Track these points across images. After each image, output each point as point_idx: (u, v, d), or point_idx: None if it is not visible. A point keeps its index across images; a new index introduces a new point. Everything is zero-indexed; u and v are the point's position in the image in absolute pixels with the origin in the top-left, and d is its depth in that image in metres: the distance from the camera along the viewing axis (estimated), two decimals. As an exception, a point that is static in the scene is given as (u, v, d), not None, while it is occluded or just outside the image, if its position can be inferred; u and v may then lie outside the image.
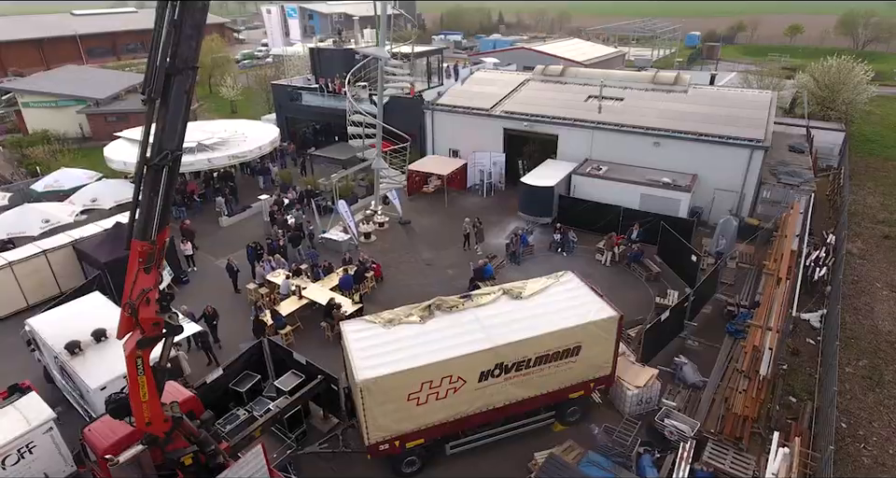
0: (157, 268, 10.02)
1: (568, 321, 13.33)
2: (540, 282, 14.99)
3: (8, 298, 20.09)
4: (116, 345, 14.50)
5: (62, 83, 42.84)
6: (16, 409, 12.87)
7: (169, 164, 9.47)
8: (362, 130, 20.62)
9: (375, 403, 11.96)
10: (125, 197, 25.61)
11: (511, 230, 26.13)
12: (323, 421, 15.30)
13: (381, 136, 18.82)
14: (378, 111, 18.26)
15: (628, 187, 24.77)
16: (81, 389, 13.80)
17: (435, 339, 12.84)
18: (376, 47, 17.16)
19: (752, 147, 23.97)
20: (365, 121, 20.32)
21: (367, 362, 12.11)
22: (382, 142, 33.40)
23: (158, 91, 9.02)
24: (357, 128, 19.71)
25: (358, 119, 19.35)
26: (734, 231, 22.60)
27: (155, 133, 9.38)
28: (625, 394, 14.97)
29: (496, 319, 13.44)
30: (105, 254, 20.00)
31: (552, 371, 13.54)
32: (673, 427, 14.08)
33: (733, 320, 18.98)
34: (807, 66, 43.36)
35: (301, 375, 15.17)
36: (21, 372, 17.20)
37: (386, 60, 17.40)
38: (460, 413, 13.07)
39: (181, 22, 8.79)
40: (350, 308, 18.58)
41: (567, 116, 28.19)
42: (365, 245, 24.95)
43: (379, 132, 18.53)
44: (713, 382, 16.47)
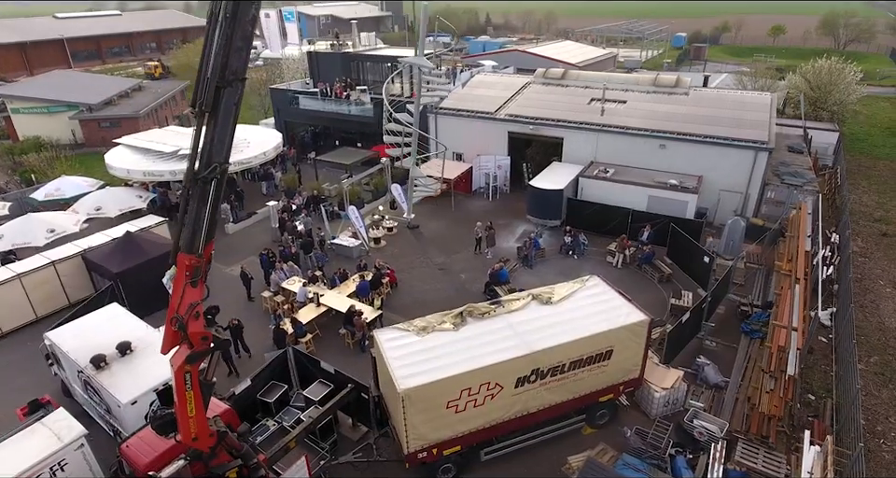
0: (203, 281, 9.93)
1: (600, 326, 13.45)
2: (567, 287, 15.11)
3: (17, 310, 19.70)
4: (141, 358, 14.42)
5: (52, 88, 42.04)
6: (45, 426, 12.60)
7: (217, 177, 9.39)
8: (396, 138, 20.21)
9: (416, 412, 11.94)
10: (129, 205, 25.30)
11: (519, 233, 26.27)
12: (352, 430, 15.24)
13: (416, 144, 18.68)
14: (415, 119, 18.20)
15: (636, 189, 25.03)
16: (109, 404, 13.57)
17: (470, 346, 12.86)
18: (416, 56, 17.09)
19: (757, 148, 24.39)
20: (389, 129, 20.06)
21: (406, 371, 12.09)
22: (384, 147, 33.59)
23: (209, 103, 8.94)
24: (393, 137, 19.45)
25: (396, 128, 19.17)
26: (741, 231, 22.96)
27: (203, 146, 9.29)
28: (652, 396, 15.13)
29: (529, 325, 13.51)
30: (117, 264, 19.71)
31: (584, 375, 13.65)
32: (702, 427, 14.27)
33: (747, 320, 19.27)
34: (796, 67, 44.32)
35: (329, 384, 15.12)
36: (36, 387, 16.91)
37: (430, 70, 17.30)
38: (496, 419, 13.11)
39: (231, 35, 8.72)
40: (371, 315, 18.51)
41: (571, 119, 28.42)
42: (375, 250, 24.90)
43: (415, 139, 18.48)
44: (734, 382, 16.72)
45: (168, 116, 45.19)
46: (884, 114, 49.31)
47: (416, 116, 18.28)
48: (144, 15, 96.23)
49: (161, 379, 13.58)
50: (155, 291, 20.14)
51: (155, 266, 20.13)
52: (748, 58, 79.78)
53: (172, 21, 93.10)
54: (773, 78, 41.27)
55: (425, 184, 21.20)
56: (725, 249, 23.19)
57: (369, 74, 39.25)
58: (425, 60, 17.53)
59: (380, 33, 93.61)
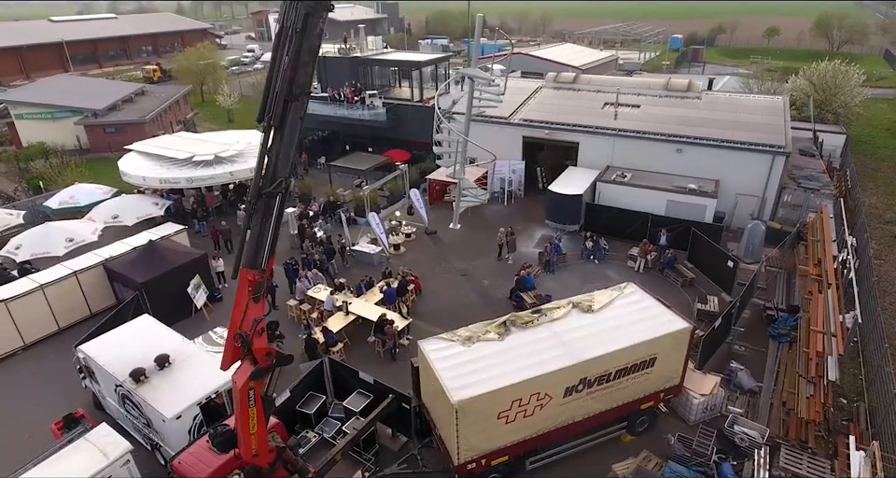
0: (265, 297, 9.84)
1: (645, 334, 13.48)
2: (606, 294, 15.13)
3: (40, 322, 19.46)
4: (180, 371, 14.29)
5: (56, 94, 41.56)
6: (89, 442, 12.44)
7: (282, 191, 9.32)
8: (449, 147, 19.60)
9: (468, 423, 11.90)
10: (147, 213, 25.05)
11: (538, 238, 26.30)
12: (391, 440, 15.16)
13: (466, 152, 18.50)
14: (465, 128, 18.12)
15: (654, 193, 25.13)
16: (151, 418, 13.40)
17: (518, 356, 12.85)
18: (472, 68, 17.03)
19: (774, 152, 24.58)
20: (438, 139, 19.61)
21: (457, 382, 12.05)
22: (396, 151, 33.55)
23: (277, 117, 8.88)
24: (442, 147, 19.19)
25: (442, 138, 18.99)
26: (762, 235, 23.12)
27: (269, 161, 9.22)
28: (691, 402, 15.20)
29: (573, 334, 13.51)
30: (142, 274, 19.50)
31: (628, 383, 13.68)
32: (743, 433, 14.34)
33: (774, 324, 19.39)
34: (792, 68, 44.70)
35: (369, 395, 15.05)
36: (64, 400, 16.73)
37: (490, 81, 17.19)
38: (543, 428, 13.10)
39: (300, 49, 8.67)
40: (401, 323, 18.45)
41: (585, 123, 28.51)
42: (395, 256, 24.83)
43: (464, 148, 18.38)
44: (767, 387, 16.82)
45: (172, 121, 44.83)
46: (883, 115, 49.94)
47: (467, 126, 18.13)
48: (139, 18, 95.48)
49: (203, 392, 13.52)
50: (178, 301, 20.20)
51: (178, 275, 20.08)
52: (744, 59, 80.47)
53: (167, 24, 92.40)
54: (778, 81, 41.56)
55: (474, 194, 20.89)
56: (745, 253, 23.34)
57: (377, 78, 39.23)
58: (480, 71, 17.46)
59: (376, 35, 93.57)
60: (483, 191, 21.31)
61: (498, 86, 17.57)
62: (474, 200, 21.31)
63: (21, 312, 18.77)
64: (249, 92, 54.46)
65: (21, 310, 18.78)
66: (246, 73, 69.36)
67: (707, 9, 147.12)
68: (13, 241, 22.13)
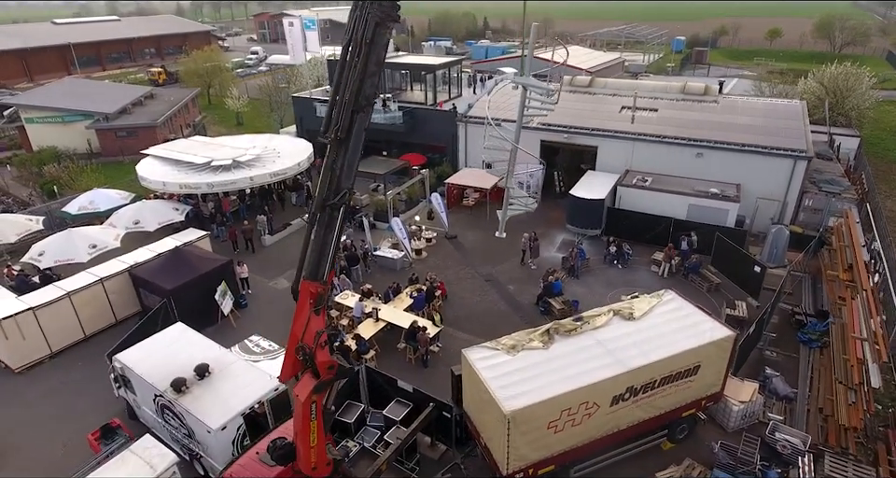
0: (325, 309, 9.77)
1: (689, 342, 13.46)
2: (645, 301, 15.11)
3: (67, 329, 19.32)
4: (220, 381, 14.20)
5: (65, 97, 41.36)
6: (134, 454, 12.33)
7: (346, 203, 9.26)
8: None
9: (519, 433, 11.85)
10: (168, 218, 24.90)
11: (559, 242, 26.28)
12: (430, 448, 15.09)
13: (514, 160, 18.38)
14: (516, 136, 18.08)
15: (676, 198, 25.12)
16: (195, 429, 13.30)
17: (565, 365, 12.80)
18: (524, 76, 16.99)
19: (796, 157, 24.61)
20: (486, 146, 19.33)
21: (507, 392, 11.99)
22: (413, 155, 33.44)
23: (345, 129, 8.82)
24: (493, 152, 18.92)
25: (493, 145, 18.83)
26: (786, 240, 23.13)
27: (333, 172, 9.15)
28: (731, 409, 15.18)
29: (618, 342, 13.48)
30: (169, 281, 19.38)
31: (672, 391, 13.65)
32: (785, 440, 14.32)
33: (803, 329, 19.39)
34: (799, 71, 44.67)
35: (408, 403, 14.97)
36: (96, 409, 16.64)
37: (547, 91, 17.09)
38: (590, 437, 13.06)
39: (367, 60, 8.62)
40: (433, 330, 18.39)
41: (604, 127, 28.50)
42: (417, 261, 24.75)
43: (513, 156, 18.34)
44: (803, 393, 16.81)
45: (182, 124, 44.66)
46: (891, 117, 50.06)
47: (517, 133, 18.03)
48: (141, 20, 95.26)
49: (247, 403, 13.43)
50: (204, 308, 20.07)
51: (205, 282, 19.97)
52: (748, 61, 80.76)
53: (170, 26, 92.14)
54: (790, 83, 41.67)
55: (524, 203, 20.66)
56: (768, 258, 23.34)
57: (388, 81, 39.09)
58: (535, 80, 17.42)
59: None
60: (532, 200, 20.94)
61: (554, 95, 17.52)
62: (521, 207, 20.96)
63: (48, 320, 18.64)
64: (256, 95, 54.26)
65: (49, 318, 18.65)
66: (251, 75, 69.18)
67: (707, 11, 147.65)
68: (35, 247, 21.96)
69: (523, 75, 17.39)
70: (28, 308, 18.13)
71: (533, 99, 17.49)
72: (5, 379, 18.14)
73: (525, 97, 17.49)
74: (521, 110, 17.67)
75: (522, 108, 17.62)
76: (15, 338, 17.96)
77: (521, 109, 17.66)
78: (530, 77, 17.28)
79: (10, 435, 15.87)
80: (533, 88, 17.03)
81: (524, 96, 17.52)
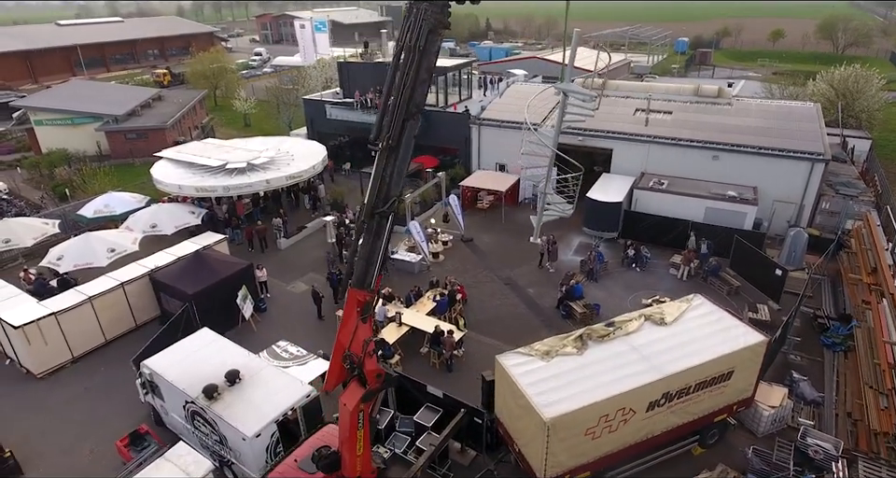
0: (372, 317, 9.72)
1: (723, 347, 13.44)
2: (675, 306, 15.09)
3: (88, 334, 19.24)
4: (251, 387, 14.13)
5: (74, 99, 41.24)
6: (169, 461, 12.25)
7: (394, 211, 9.21)
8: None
9: (558, 440, 11.80)
10: (185, 222, 24.82)
11: (575, 245, 26.23)
12: (460, 454, 15.02)
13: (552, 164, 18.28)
14: (553, 141, 18.04)
15: (693, 200, 25.09)
16: (227, 436, 13.22)
17: (600, 371, 12.77)
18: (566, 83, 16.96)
19: (814, 159, 24.60)
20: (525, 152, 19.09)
21: (545, 399, 11.95)
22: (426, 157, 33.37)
23: (396, 137, 8.77)
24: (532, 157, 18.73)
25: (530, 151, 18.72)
26: (804, 243, 23.12)
27: (382, 180, 9.10)
28: (761, 414, 15.14)
29: (652, 348, 13.44)
30: (191, 285, 19.30)
31: (706, 396, 13.62)
32: (816, 445, 14.27)
33: (826, 333, 19.37)
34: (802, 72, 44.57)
35: (438, 409, 14.90)
36: (120, 415, 16.59)
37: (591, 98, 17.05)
38: (625, 443, 13.03)
39: (419, 67, 8.58)
40: (458, 334, 18.33)
41: (618, 129, 28.47)
42: (435, 264, 24.69)
43: (552, 160, 18.31)
44: (830, 397, 16.78)
45: (190, 126, 44.57)
46: (897, 119, 50.07)
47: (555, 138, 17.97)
48: (145, 21, 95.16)
49: (280, 409, 13.35)
50: (225, 312, 20.00)
51: (225, 286, 19.90)
52: (752, 62, 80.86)
53: (173, 27, 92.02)
54: (799, 85, 41.70)
55: (561, 209, 20.50)
56: (787, 261, 23.31)
57: (398, 83, 38.99)
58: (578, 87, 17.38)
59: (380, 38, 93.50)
60: (569, 206, 20.65)
61: (594, 101, 17.49)
62: (557, 212, 20.74)
63: (70, 325, 18.56)
64: (262, 96, 54.18)
65: (71, 323, 18.57)
66: (256, 76, 69.10)
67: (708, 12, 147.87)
68: (53, 251, 21.87)
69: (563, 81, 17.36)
70: (51, 313, 18.04)
71: (573, 104, 17.44)
72: (27, 385, 18.06)
73: (564, 103, 17.45)
74: (560, 116, 17.66)
75: (561, 114, 17.60)
76: (38, 343, 17.87)
77: (560, 115, 17.65)
78: (571, 82, 17.26)
79: (35, 441, 15.79)
80: (575, 94, 16.97)
81: (563, 102, 17.49)
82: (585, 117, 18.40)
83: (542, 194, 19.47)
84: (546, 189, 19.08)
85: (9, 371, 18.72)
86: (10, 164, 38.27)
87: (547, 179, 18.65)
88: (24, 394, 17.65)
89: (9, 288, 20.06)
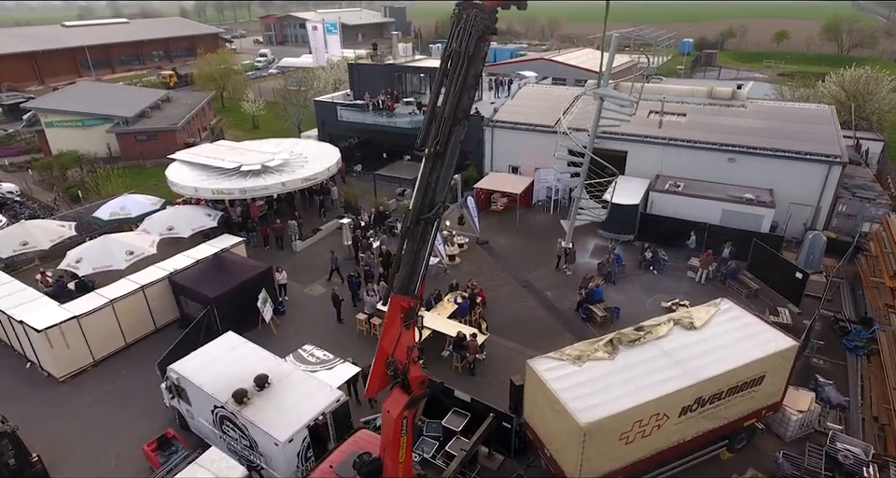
0: (415, 324, 9.69)
1: (755, 352, 13.41)
2: (703, 311, 15.06)
3: (109, 338, 19.21)
4: (280, 392, 14.11)
5: (84, 101, 41.21)
6: (202, 467, 12.22)
7: (440, 216, 9.19)
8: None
9: (593, 445, 11.77)
10: (201, 224, 24.80)
11: (591, 248, 26.19)
12: (488, 459, 14.98)
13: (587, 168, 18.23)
14: (589, 145, 18.02)
15: (709, 203, 25.06)
16: (259, 442, 13.18)
17: (634, 376, 12.74)
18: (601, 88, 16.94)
19: (830, 162, 24.58)
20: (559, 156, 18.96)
21: (580, 404, 11.92)
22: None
23: (444, 143, 8.75)
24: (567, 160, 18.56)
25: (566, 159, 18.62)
26: (823, 246, 23.07)
27: (427, 186, 9.07)
28: (789, 419, 15.11)
29: (684, 353, 13.42)
30: (213, 289, 19.29)
31: (737, 401, 13.60)
32: (846, 450, 14.23)
33: (848, 336, 19.34)
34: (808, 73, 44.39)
35: (465, 413, 14.88)
36: (144, 419, 16.57)
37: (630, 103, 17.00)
38: (657, 448, 12.99)
39: (466, 73, 8.55)
40: (480, 337, 18.29)
41: (632, 131, 28.40)
42: (452, 267, 24.65)
43: (586, 164, 18.27)
44: (855, 401, 16.75)
45: (199, 128, 44.56)
46: (905, 120, 50.01)
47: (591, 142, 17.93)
48: (149, 22, 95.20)
49: (311, 414, 13.32)
50: (245, 315, 19.99)
51: (246, 289, 19.88)
52: (757, 63, 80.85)
53: (179, 28, 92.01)
54: (810, 87, 41.68)
55: (596, 214, 20.39)
56: (804, 264, 23.26)
57: (407, 85, 39.04)
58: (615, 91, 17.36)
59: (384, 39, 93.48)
60: (603, 210, 20.44)
61: (631, 106, 17.47)
62: (590, 216, 20.56)
63: (91, 328, 18.54)
64: (270, 97, 54.14)
65: (92, 326, 18.54)
66: (262, 78, 69.07)
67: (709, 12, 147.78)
68: (71, 254, 21.85)
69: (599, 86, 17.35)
70: (73, 316, 18.02)
71: (608, 109, 17.42)
72: (50, 388, 18.02)
73: (600, 108, 17.45)
74: (596, 120, 17.64)
75: (597, 119, 17.58)
76: (60, 347, 17.85)
77: (596, 119, 17.63)
78: (608, 87, 17.24)
79: (61, 446, 15.75)
80: (612, 99, 16.95)
81: (599, 107, 17.49)
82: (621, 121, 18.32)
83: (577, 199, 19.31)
84: (580, 193, 19.01)
85: (31, 374, 18.69)
86: (21, 166, 38.27)
87: (581, 184, 18.59)
88: (47, 398, 17.61)
89: (29, 291, 20.07)
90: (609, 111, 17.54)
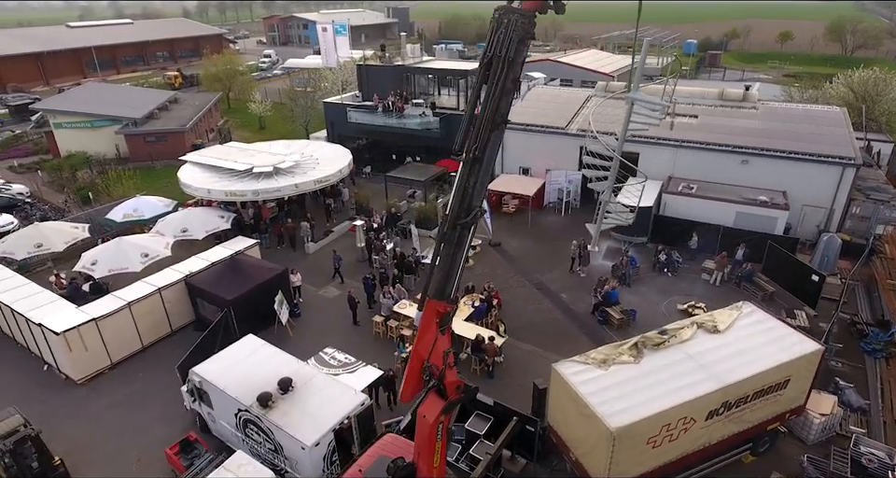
0: (450, 328, 9.67)
1: (780, 356, 13.40)
2: (725, 314, 15.04)
3: (126, 340, 19.19)
4: (304, 395, 14.11)
5: (92, 102, 41.18)
6: (228, 471, 12.20)
7: (476, 221, 9.17)
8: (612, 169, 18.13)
9: (622, 449, 11.76)
10: (215, 226, 24.78)
11: (604, 250, 26.15)
12: (510, 462, 14.97)
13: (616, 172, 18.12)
14: (618, 147, 18.00)
15: (722, 205, 25.04)
16: (285, 445, 13.15)
17: (661, 380, 12.72)
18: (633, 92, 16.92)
19: (844, 164, 24.56)
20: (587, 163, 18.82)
21: (608, 408, 11.90)
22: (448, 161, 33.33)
23: (483, 148, 8.72)
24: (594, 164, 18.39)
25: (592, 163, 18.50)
26: (838, 248, 23.05)
27: (465, 191, 9.04)
28: (812, 422, 15.09)
29: (709, 356, 13.41)
30: (231, 291, 19.27)
31: (762, 405, 13.59)
32: (870, 454, 14.22)
33: (866, 339, 19.31)
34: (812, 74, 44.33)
35: (488, 417, 14.86)
36: (163, 422, 16.57)
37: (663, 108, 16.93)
38: (683, 452, 12.99)
39: (505, 77, 8.53)
40: (499, 340, 18.28)
41: (647, 134, 28.33)
42: (465, 269, 24.58)
43: (615, 167, 18.24)
44: (876, 404, 16.73)
45: (206, 129, 44.54)
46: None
47: (620, 145, 17.88)
48: (154, 23, 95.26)
49: (337, 418, 13.31)
50: (261, 317, 19.97)
51: (262, 291, 19.86)
52: (761, 64, 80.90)
53: (183, 29, 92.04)
54: (819, 88, 41.68)
55: (624, 218, 20.27)
56: (819, 266, 23.23)
57: (415, 86, 39.00)
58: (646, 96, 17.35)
59: (388, 39, 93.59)
60: (631, 214, 20.16)
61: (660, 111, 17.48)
62: (618, 219, 20.34)
63: (109, 330, 18.52)
64: (276, 98, 54.15)
65: (110, 328, 18.53)
66: (267, 78, 69.07)
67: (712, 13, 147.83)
68: (86, 256, 21.82)
69: (630, 89, 17.32)
70: (91, 319, 18.00)
71: (638, 113, 17.40)
72: (68, 391, 18.00)
73: (629, 112, 17.44)
74: (625, 124, 17.64)
75: (627, 122, 17.58)
76: (78, 349, 17.83)
77: (626, 123, 17.63)
78: (639, 91, 17.22)
79: (81, 449, 15.73)
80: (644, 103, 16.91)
81: (629, 110, 17.48)
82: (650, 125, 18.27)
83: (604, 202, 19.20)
84: (608, 197, 18.99)
85: (48, 377, 18.68)
86: (30, 167, 38.26)
87: (609, 187, 18.54)
88: (67, 401, 17.60)
89: (45, 293, 20.06)
90: (638, 115, 17.47)
